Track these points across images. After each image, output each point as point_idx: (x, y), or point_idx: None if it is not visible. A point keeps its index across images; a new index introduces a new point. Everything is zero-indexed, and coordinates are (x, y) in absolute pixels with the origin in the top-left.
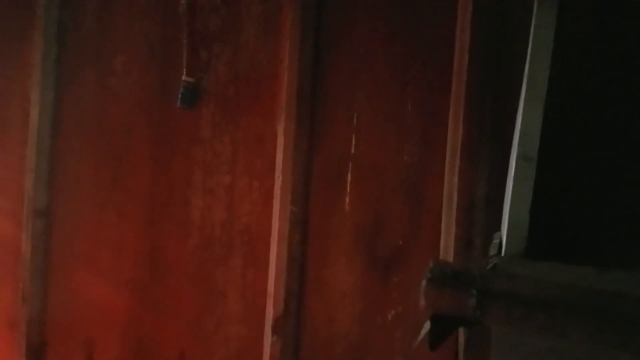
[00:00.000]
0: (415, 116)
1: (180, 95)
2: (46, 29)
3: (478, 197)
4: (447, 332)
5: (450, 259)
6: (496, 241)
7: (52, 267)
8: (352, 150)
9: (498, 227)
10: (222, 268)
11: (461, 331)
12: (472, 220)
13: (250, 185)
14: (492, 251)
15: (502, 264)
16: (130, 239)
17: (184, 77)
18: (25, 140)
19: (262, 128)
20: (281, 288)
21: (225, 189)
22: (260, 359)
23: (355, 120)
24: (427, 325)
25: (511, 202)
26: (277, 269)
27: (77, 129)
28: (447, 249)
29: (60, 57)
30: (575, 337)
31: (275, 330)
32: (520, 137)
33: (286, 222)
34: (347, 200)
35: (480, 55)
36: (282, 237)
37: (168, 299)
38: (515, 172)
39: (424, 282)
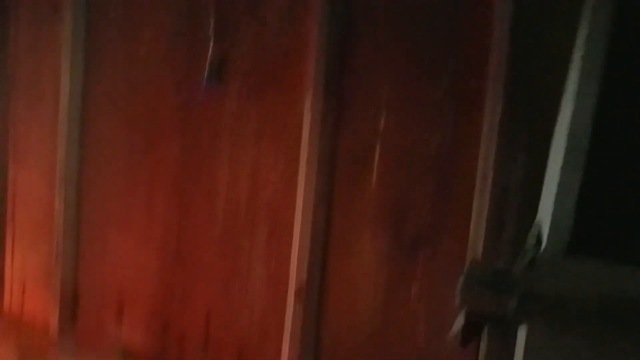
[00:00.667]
0: (450, 93)
1: (207, 69)
2: None
3: (513, 181)
4: (481, 329)
5: (481, 242)
6: (535, 232)
7: (85, 228)
8: (381, 128)
9: (533, 212)
10: (248, 237)
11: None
12: (505, 204)
13: (275, 160)
14: (530, 243)
15: (543, 259)
16: (160, 204)
17: (210, 51)
18: (57, 108)
19: (288, 103)
20: (304, 261)
21: (251, 162)
22: (282, 323)
23: (385, 96)
24: (460, 322)
25: (557, 194)
26: (301, 242)
27: (108, 98)
28: (478, 231)
29: (89, 28)
30: (620, 347)
31: (298, 298)
32: (570, 129)
33: (311, 197)
34: (374, 178)
35: (521, 29)
36: (307, 211)
37: (196, 263)
38: (563, 164)
39: (462, 279)
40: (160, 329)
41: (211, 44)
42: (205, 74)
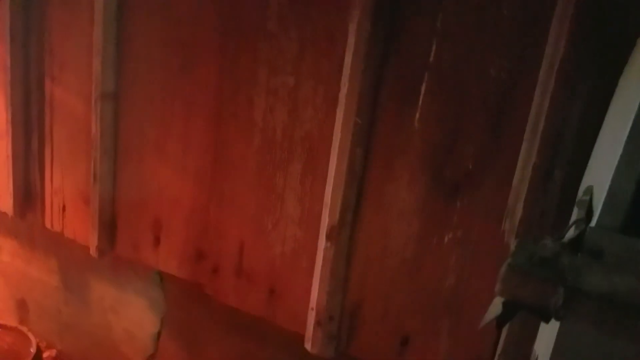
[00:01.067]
0: (510, 24)
1: None
2: None
3: (568, 127)
4: (517, 314)
5: (524, 190)
6: (586, 198)
7: (121, 150)
8: (431, 59)
9: (583, 164)
10: (282, 172)
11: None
12: (556, 152)
13: (314, 90)
14: (580, 213)
15: (591, 235)
16: (197, 130)
17: None
18: (92, 23)
19: (333, 25)
20: (338, 199)
21: (288, 91)
22: (313, 260)
23: (439, 22)
24: (497, 308)
25: (619, 162)
26: (336, 180)
27: (145, 13)
28: (523, 179)
29: None
30: None
31: (329, 237)
32: None
33: (349, 133)
34: (418, 115)
35: None
36: (344, 148)
37: (231, 193)
38: (632, 127)
39: (504, 267)
40: (194, 257)
41: None
42: None
